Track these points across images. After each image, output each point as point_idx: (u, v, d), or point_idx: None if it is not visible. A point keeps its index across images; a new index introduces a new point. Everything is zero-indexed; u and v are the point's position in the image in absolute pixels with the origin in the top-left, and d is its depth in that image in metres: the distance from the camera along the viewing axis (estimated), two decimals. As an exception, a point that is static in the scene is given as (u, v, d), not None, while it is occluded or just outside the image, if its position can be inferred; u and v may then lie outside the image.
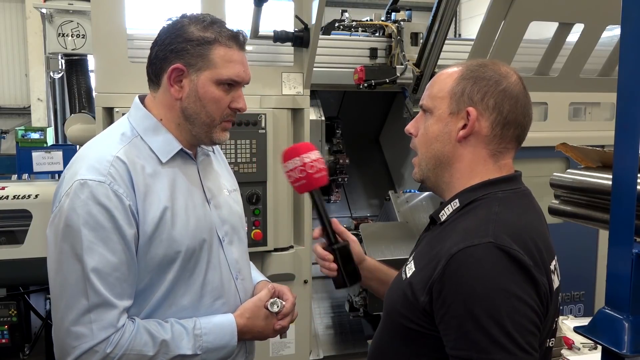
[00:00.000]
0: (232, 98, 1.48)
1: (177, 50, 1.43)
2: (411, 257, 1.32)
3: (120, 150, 1.41)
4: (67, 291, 1.34)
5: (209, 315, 1.49)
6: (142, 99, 1.54)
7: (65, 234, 1.35)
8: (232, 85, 1.47)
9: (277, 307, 1.55)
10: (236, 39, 1.47)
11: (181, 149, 1.49)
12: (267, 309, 1.54)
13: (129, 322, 1.37)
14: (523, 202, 1.27)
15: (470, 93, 1.25)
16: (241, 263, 1.62)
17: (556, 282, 1.24)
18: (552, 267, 1.22)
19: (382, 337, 1.35)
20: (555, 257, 1.28)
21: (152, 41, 1.50)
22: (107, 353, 1.32)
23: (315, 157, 1.50)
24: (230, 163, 2.61)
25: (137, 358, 1.35)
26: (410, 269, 1.27)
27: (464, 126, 1.25)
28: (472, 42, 2.61)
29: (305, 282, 2.94)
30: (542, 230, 1.24)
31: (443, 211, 1.28)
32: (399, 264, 1.55)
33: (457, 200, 1.26)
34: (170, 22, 1.48)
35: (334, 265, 1.50)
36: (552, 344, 1.29)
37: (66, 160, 4.32)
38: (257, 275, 1.76)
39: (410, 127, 1.36)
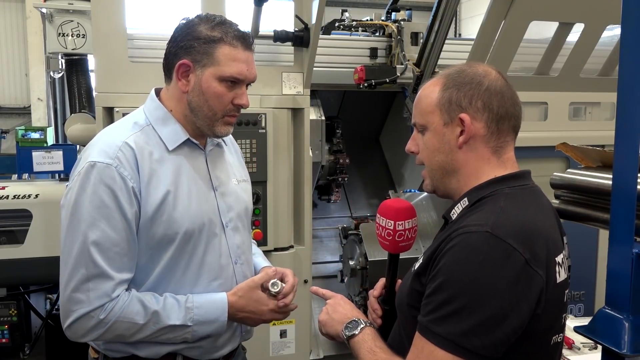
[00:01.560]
0: (235, 94, 1.57)
1: (185, 47, 1.54)
2: (422, 254, 1.35)
3: (130, 137, 1.54)
4: (71, 261, 1.46)
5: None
6: (157, 91, 1.65)
7: (73, 209, 1.47)
8: (235, 82, 1.56)
9: (277, 287, 1.64)
10: (242, 39, 1.56)
11: (188, 139, 1.60)
12: (268, 289, 1.63)
13: (124, 292, 1.49)
14: (530, 197, 1.29)
15: (458, 100, 1.29)
16: (243, 249, 1.71)
17: (562, 275, 1.25)
18: (558, 260, 1.23)
19: (397, 332, 1.39)
20: (564, 252, 1.29)
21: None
22: (101, 319, 1.46)
23: (409, 226, 1.49)
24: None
25: (128, 325, 1.48)
26: (418, 263, 1.32)
27: (461, 132, 1.29)
28: (472, 42, 2.60)
29: (305, 281, 2.94)
30: (547, 224, 1.26)
31: (454, 210, 1.32)
32: (400, 264, 1.56)
33: (466, 199, 1.30)
34: (184, 21, 1.59)
35: (379, 321, 1.55)
36: (560, 339, 1.30)
37: (66, 160, 4.32)
38: (262, 261, 1.86)
39: (411, 147, 1.40)
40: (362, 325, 1.37)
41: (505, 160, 1.31)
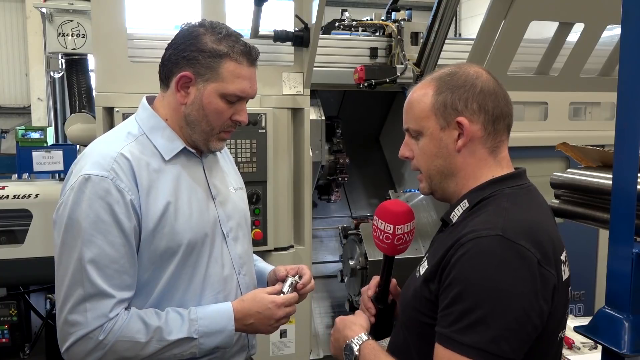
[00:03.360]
0: (234, 110, 1.52)
1: (188, 58, 1.47)
2: (425, 258, 1.34)
3: (124, 147, 1.47)
4: (67, 281, 1.40)
5: None
6: (149, 99, 1.59)
7: (67, 226, 1.40)
8: (237, 98, 1.51)
9: (289, 287, 1.58)
10: (248, 55, 1.50)
11: (184, 148, 1.54)
12: (283, 292, 1.57)
13: (123, 311, 1.42)
14: (529, 197, 1.30)
15: (453, 104, 1.28)
16: (244, 259, 1.66)
17: (566, 273, 1.27)
18: (562, 258, 1.25)
19: (400, 337, 1.38)
20: (564, 249, 1.30)
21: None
22: (100, 340, 1.38)
23: (408, 230, 1.46)
24: (230, 163, 2.61)
25: (130, 345, 1.41)
26: (423, 267, 1.31)
27: (459, 136, 1.28)
28: (473, 42, 2.60)
29: (306, 281, 2.94)
30: (549, 223, 1.27)
31: (453, 212, 1.31)
32: (400, 264, 1.55)
33: (466, 201, 1.30)
34: (187, 27, 1.52)
35: (372, 319, 1.50)
36: (563, 334, 1.32)
37: (66, 159, 4.32)
38: (267, 265, 1.83)
39: (405, 152, 1.38)
40: (356, 347, 1.34)
41: (501, 159, 1.32)
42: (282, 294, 1.56)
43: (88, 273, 1.37)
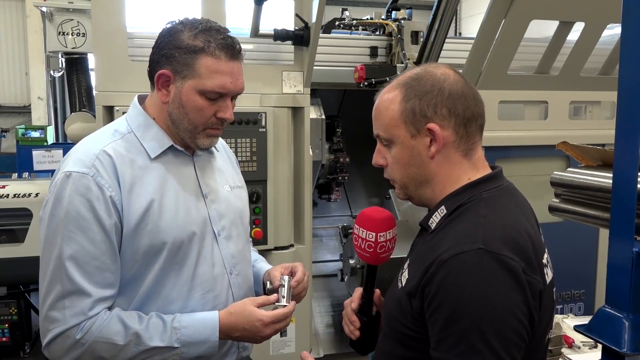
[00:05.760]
0: (218, 107, 1.48)
1: (167, 56, 1.45)
2: (406, 265, 1.31)
3: (108, 145, 1.46)
4: (47, 277, 1.40)
5: (199, 307, 1.51)
6: (141, 98, 1.58)
7: (49, 222, 1.41)
8: (218, 95, 1.47)
9: (283, 297, 1.54)
10: (226, 49, 1.45)
11: (172, 146, 1.52)
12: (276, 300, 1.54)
13: (104, 311, 1.41)
14: (508, 199, 1.27)
15: (422, 110, 1.23)
16: (238, 258, 1.62)
17: (549, 275, 1.25)
18: (544, 261, 1.23)
19: (385, 344, 1.35)
20: (546, 250, 1.28)
21: (153, 39, 1.52)
22: (77, 339, 1.37)
23: (390, 237, 1.42)
24: (230, 162, 2.61)
25: (107, 347, 1.39)
26: (404, 277, 1.27)
27: (430, 142, 1.24)
28: (473, 41, 2.60)
29: (306, 280, 2.94)
30: (529, 226, 1.24)
31: (432, 219, 1.28)
32: (400, 263, 1.55)
33: (443, 207, 1.26)
34: (169, 25, 1.50)
35: (357, 333, 1.47)
36: (550, 335, 1.32)
37: (66, 158, 4.32)
38: (263, 265, 1.80)
39: (379, 160, 1.34)
40: None
41: (476, 161, 1.28)
42: (276, 304, 1.52)
43: (67, 270, 1.37)
